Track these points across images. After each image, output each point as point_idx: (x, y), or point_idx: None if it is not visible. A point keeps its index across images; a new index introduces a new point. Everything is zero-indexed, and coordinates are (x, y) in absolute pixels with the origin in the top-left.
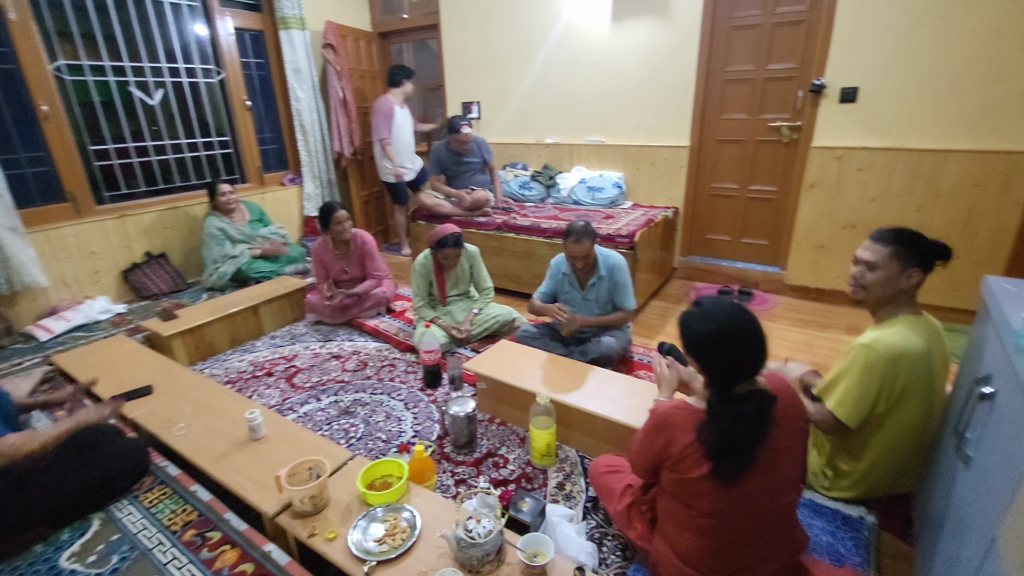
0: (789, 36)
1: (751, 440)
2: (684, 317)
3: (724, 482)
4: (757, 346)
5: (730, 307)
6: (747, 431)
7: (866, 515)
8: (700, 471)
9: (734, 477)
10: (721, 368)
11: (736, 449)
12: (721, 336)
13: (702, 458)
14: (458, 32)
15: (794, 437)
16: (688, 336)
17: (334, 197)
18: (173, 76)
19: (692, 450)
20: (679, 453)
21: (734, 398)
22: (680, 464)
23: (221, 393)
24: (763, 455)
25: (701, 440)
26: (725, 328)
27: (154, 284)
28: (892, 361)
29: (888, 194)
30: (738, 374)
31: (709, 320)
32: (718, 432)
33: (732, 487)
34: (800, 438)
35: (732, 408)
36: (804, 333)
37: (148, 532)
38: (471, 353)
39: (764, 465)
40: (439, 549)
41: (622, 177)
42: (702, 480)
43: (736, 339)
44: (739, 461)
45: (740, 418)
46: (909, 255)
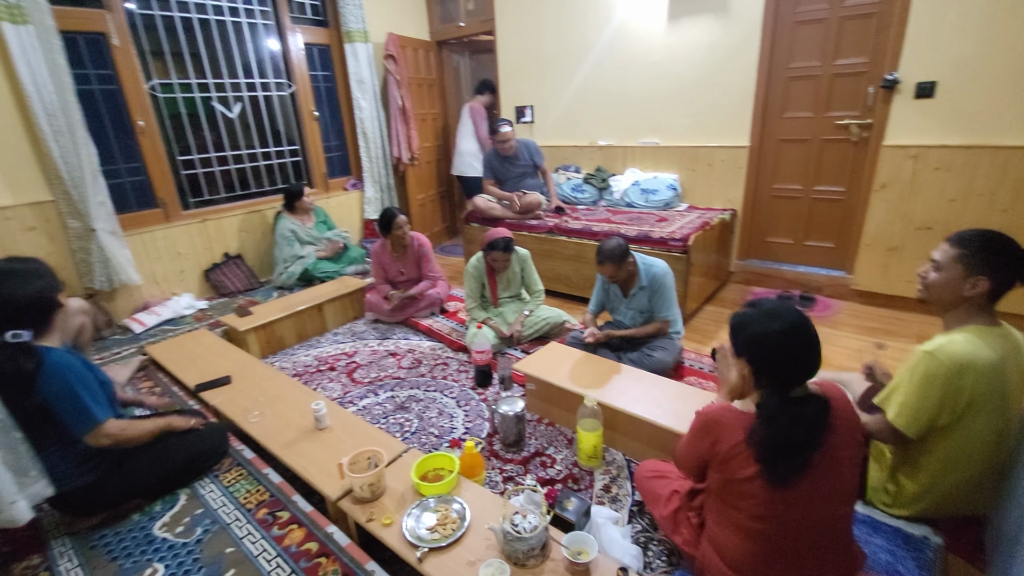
0: (859, 29)
1: (809, 442)
2: (741, 317)
3: (776, 484)
4: (816, 349)
5: (791, 309)
6: (805, 432)
7: (931, 535)
8: (747, 472)
9: (787, 480)
10: (781, 369)
11: (792, 451)
12: (786, 336)
13: (750, 459)
14: (513, 37)
15: (850, 447)
16: (747, 336)
17: (392, 201)
18: (250, 90)
19: (740, 450)
20: (726, 452)
21: (791, 400)
22: (727, 464)
23: (290, 385)
24: (819, 461)
25: (752, 442)
26: (791, 328)
27: (231, 282)
28: (956, 371)
29: (970, 194)
30: (797, 376)
31: (774, 320)
32: (773, 434)
33: (783, 491)
34: (856, 449)
35: (790, 410)
36: (869, 341)
37: (227, 508)
38: (521, 354)
39: (819, 472)
40: (487, 541)
41: (677, 179)
42: (750, 481)
43: (801, 340)
44: (794, 463)
45: (799, 420)
46: (977, 261)
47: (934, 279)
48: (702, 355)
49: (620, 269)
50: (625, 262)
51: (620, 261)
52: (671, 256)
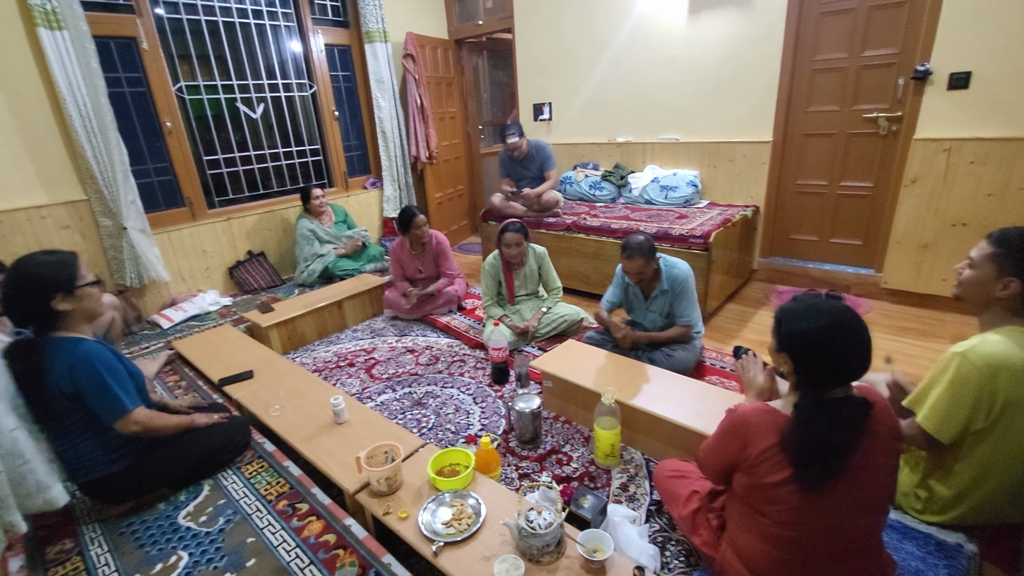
0: (889, 19)
1: (846, 445)
2: (785, 311)
3: (808, 489)
4: (864, 349)
5: (838, 305)
6: (843, 436)
7: (965, 543)
8: (777, 477)
9: (820, 485)
10: (825, 368)
11: (828, 455)
12: (831, 333)
13: (781, 463)
14: (531, 34)
15: (887, 454)
16: (789, 331)
17: (411, 200)
18: (272, 91)
19: (771, 454)
20: (756, 456)
21: (830, 402)
22: (757, 468)
23: (310, 380)
24: (855, 466)
25: (785, 446)
26: (836, 325)
27: (254, 280)
28: (989, 373)
29: (1008, 189)
30: (841, 377)
31: (818, 316)
32: (809, 437)
33: (813, 496)
34: (893, 457)
35: (828, 412)
36: (902, 342)
37: (248, 499)
38: (538, 352)
39: (852, 478)
40: (501, 536)
41: (698, 175)
42: (779, 486)
43: (846, 338)
44: (829, 467)
45: (837, 422)
46: (1010, 262)
47: (967, 276)
48: (724, 354)
49: (647, 265)
50: (653, 259)
51: (649, 256)
52: (691, 254)
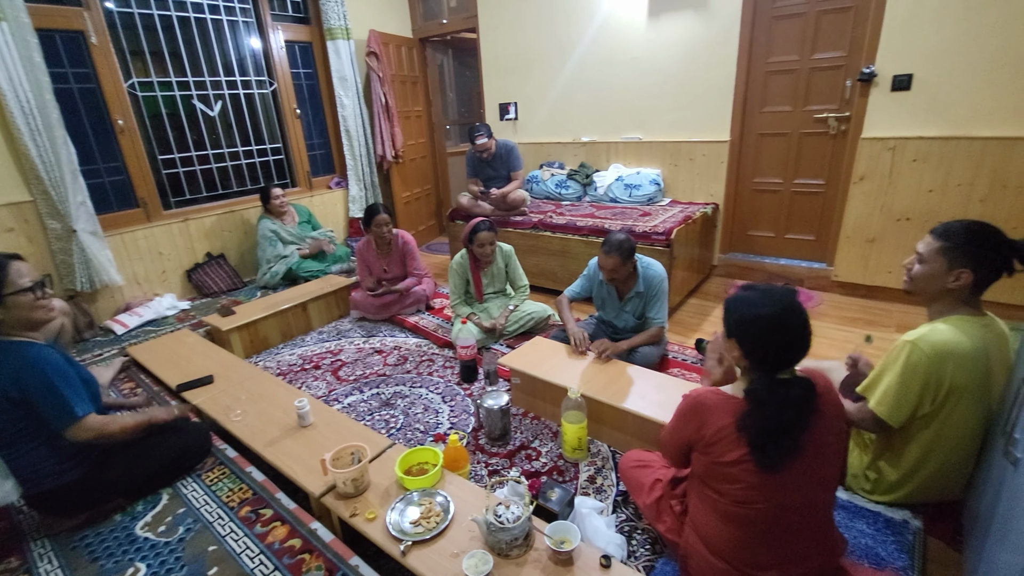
0: (836, 23)
1: (798, 425)
2: (736, 300)
3: (766, 468)
4: (807, 332)
5: (785, 291)
6: (794, 415)
7: (911, 519)
8: (733, 455)
9: (777, 464)
10: (772, 352)
11: (783, 435)
12: (778, 319)
13: (736, 442)
14: (496, 34)
15: (835, 433)
16: (740, 318)
17: (377, 199)
18: (230, 88)
19: (726, 433)
20: (712, 436)
21: (779, 383)
22: (713, 447)
23: (273, 384)
24: (806, 446)
25: (742, 428)
26: (783, 311)
27: (214, 283)
28: (937, 360)
29: (948, 185)
30: (786, 359)
31: (767, 302)
32: (764, 419)
33: (768, 475)
34: (840, 436)
35: (778, 393)
36: (852, 332)
37: (209, 507)
38: (506, 349)
39: (803, 456)
40: (470, 533)
41: (660, 174)
42: (734, 464)
43: (791, 323)
44: (783, 446)
45: (787, 403)
46: (959, 255)
47: (918, 271)
48: (686, 347)
49: (622, 266)
50: (629, 261)
51: (627, 257)
52: (655, 251)
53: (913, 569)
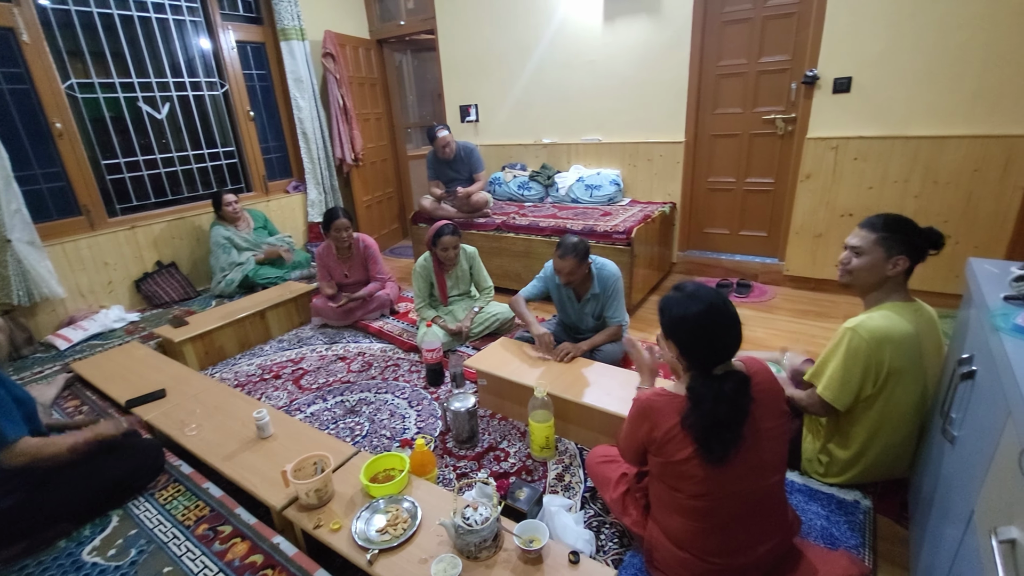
0: (781, 28)
1: (735, 417)
2: (666, 301)
3: (714, 463)
4: (735, 327)
5: (710, 291)
6: (729, 409)
7: (862, 499)
8: (684, 453)
9: (723, 457)
10: (702, 349)
11: (721, 429)
12: (703, 317)
13: (685, 441)
14: (454, 36)
15: (775, 418)
16: (671, 319)
17: (337, 203)
18: (179, 90)
19: (675, 433)
20: (663, 437)
21: (713, 379)
22: (664, 448)
23: (231, 395)
24: (748, 434)
25: (686, 426)
26: (707, 310)
27: (165, 293)
28: (876, 344)
29: (885, 182)
30: (718, 355)
31: (692, 302)
32: (702, 415)
33: (718, 468)
34: (781, 419)
35: (712, 388)
36: (803, 323)
37: (163, 527)
38: (473, 351)
39: (748, 444)
40: (439, 537)
41: (619, 174)
42: (686, 462)
43: (717, 320)
44: (726, 439)
45: (721, 397)
46: (895, 242)
47: (857, 264)
48: (648, 343)
49: (578, 268)
50: (585, 262)
51: (583, 258)
52: (615, 249)
53: (864, 547)
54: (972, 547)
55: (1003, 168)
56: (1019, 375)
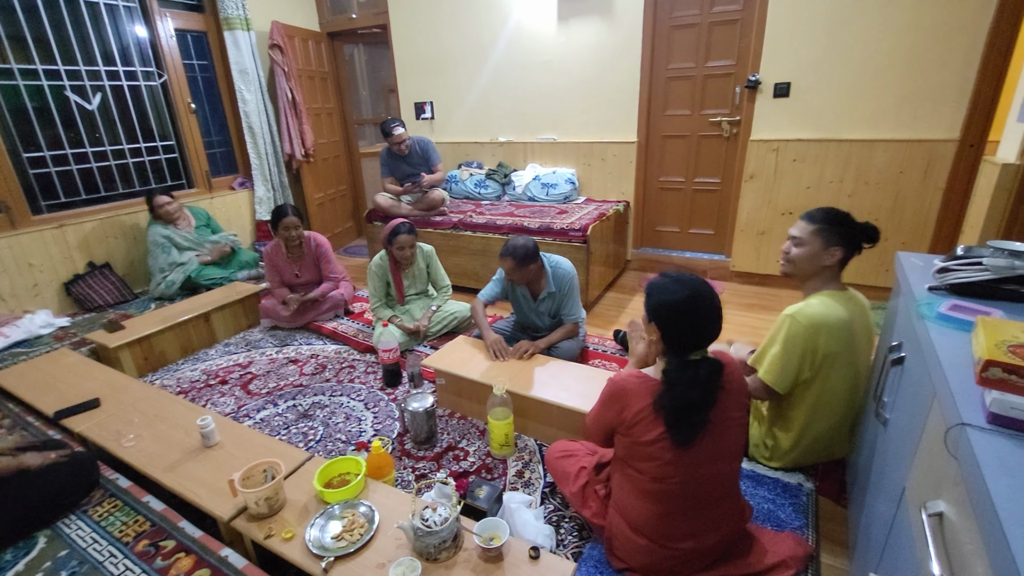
0: (726, 34)
1: (705, 402)
2: (653, 285)
3: (681, 445)
4: (718, 315)
5: (696, 279)
6: (700, 394)
7: (804, 482)
8: (651, 435)
9: (690, 440)
10: (683, 333)
11: (691, 412)
12: (688, 302)
13: (654, 422)
14: (408, 33)
15: (739, 408)
16: (657, 302)
17: (287, 200)
18: (112, 79)
19: (645, 414)
20: (632, 418)
21: (689, 363)
22: (633, 428)
23: (172, 403)
24: (713, 420)
25: (659, 407)
26: (693, 295)
27: (98, 295)
28: (813, 329)
29: (822, 182)
30: (698, 340)
31: (679, 287)
32: (675, 397)
33: (683, 450)
34: (743, 410)
35: (688, 372)
36: (749, 316)
37: (98, 545)
38: (430, 350)
39: (712, 431)
40: (397, 540)
41: (575, 173)
42: (652, 443)
43: (701, 307)
44: (694, 423)
45: (695, 381)
46: (832, 234)
47: (797, 253)
48: (605, 339)
49: (519, 270)
50: (528, 264)
51: (521, 262)
52: (572, 246)
53: (808, 527)
54: (904, 522)
55: (925, 170)
56: (943, 359)
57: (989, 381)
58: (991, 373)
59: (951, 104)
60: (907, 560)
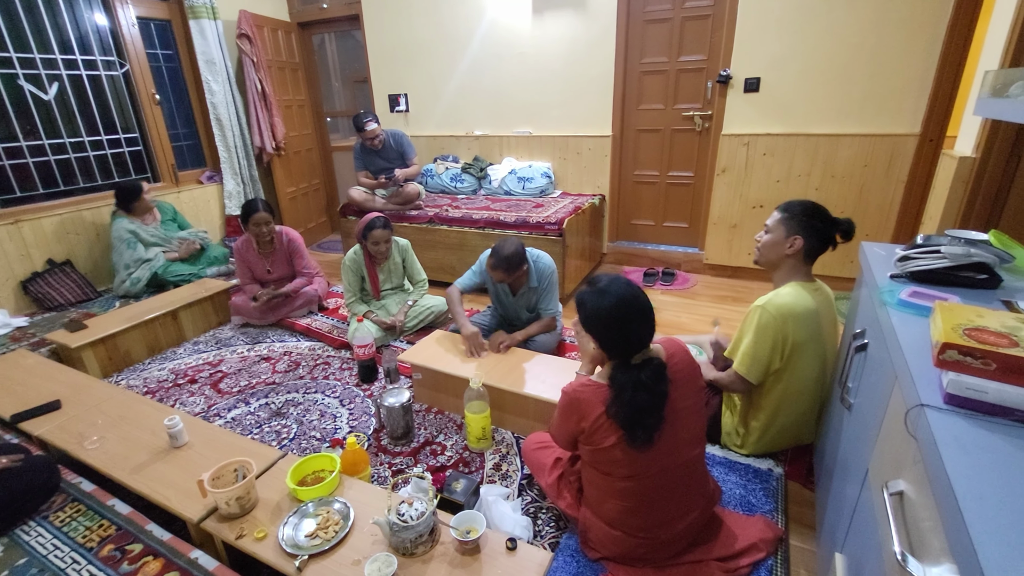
0: (698, 29)
1: (655, 403)
2: (580, 296)
3: (640, 448)
4: (648, 318)
5: (622, 284)
6: (648, 396)
7: (774, 467)
8: (610, 440)
9: (647, 441)
10: (618, 340)
11: (643, 415)
12: (615, 311)
13: (611, 428)
14: (381, 23)
15: (692, 395)
16: (586, 313)
17: (258, 194)
18: (70, 68)
19: (602, 422)
20: (591, 427)
21: (632, 368)
22: (593, 436)
23: (139, 403)
24: (668, 414)
25: (610, 415)
26: (618, 303)
27: (59, 294)
28: (782, 318)
29: (790, 176)
30: (632, 346)
31: (604, 297)
32: (623, 404)
33: (641, 451)
34: (698, 395)
35: (631, 377)
36: (722, 308)
37: (60, 552)
38: (407, 345)
39: (670, 423)
40: (373, 536)
41: (550, 167)
42: (613, 448)
43: (629, 314)
44: (648, 425)
45: (640, 385)
46: (794, 223)
47: (764, 241)
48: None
49: (509, 276)
50: (516, 271)
51: (514, 269)
52: (548, 240)
53: (778, 511)
54: (868, 502)
55: (888, 164)
56: (904, 344)
57: (946, 363)
58: (948, 356)
59: (912, 100)
60: (870, 539)
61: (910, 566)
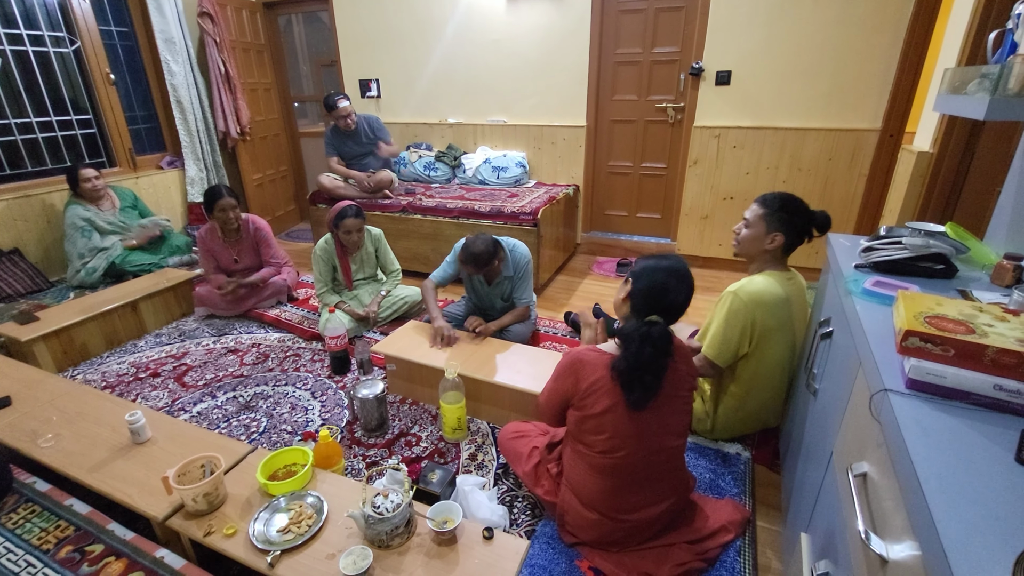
0: (671, 21)
1: (657, 361)
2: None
3: (634, 407)
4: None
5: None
6: (653, 352)
7: (742, 451)
8: (602, 405)
9: (643, 402)
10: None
11: (645, 370)
12: (670, 273)
13: (607, 393)
14: (352, 5)
15: (687, 388)
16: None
17: (222, 180)
18: (13, 44)
19: (599, 386)
20: (586, 389)
21: (643, 323)
22: (585, 400)
23: (97, 398)
24: (663, 393)
25: (614, 369)
26: (676, 269)
27: (7, 284)
28: (752, 304)
29: (759, 168)
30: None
31: (667, 259)
32: (629, 355)
33: (632, 422)
34: (690, 391)
35: (640, 330)
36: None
37: (13, 555)
38: (380, 336)
39: (661, 406)
40: (347, 530)
41: (525, 157)
42: (603, 415)
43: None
44: (647, 383)
45: (647, 338)
46: (775, 220)
47: (744, 234)
48: (556, 322)
49: (479, 271)
50: (490, 265)
51: (484, 265)
52: (522, 230)
53: (745, 494)
54: (832, 484)
55: (851, 158)
56: (868, 331)
57: (908, 350)
58: (910, 342)
59: (874, 96)
60: (835, 519)
61: (873, 544)
